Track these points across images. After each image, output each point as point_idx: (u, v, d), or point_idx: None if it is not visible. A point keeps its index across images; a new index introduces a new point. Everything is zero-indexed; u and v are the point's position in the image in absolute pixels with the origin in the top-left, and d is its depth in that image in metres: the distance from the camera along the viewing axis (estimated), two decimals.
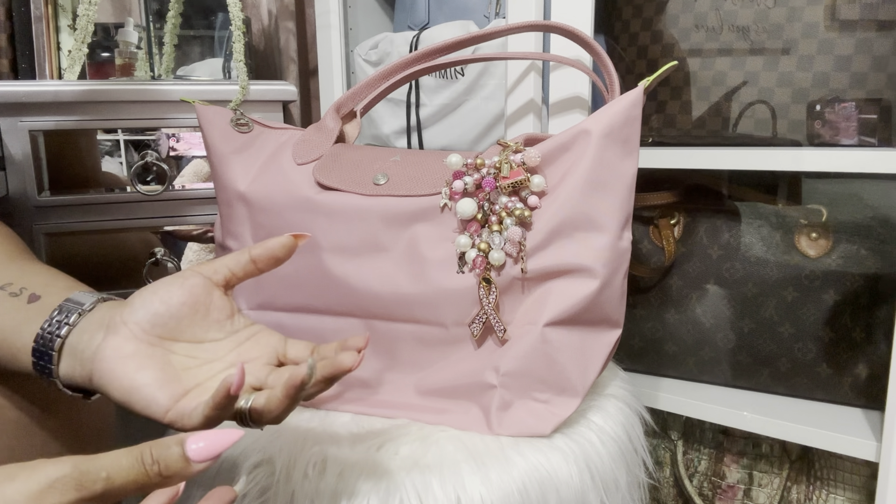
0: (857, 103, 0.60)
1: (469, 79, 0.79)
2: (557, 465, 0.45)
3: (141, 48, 0.95)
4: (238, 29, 0.74)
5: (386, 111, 0.87)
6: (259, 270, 0.40)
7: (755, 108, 0.65)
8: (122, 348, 0.36)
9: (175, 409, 0.34)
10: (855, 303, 0.63)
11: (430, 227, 0.52)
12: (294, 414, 0.54)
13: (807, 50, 0.62)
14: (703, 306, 0.70)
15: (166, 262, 0.85)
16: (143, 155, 0.82)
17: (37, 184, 0.78)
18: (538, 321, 0.48)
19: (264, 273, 0.41)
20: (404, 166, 0.55)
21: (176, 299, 0.38)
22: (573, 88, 0.67)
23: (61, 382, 0.38)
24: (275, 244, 0.40)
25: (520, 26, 0.63)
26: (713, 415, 0.67)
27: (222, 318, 0.39)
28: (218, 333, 0.39)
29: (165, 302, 0.38)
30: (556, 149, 0.50)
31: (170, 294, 0.38)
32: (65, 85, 0.77)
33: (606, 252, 0.49)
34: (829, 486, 0.67)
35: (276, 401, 0.33)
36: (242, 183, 0.58)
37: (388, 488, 0.43)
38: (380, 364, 0.54)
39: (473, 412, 0.50)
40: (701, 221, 0.70)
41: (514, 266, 0.49)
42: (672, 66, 0.53)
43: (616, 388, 0.56)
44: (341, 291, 0.53)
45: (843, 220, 0.65)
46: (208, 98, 0.67)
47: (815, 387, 0.66)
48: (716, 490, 0.74)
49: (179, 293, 0.38)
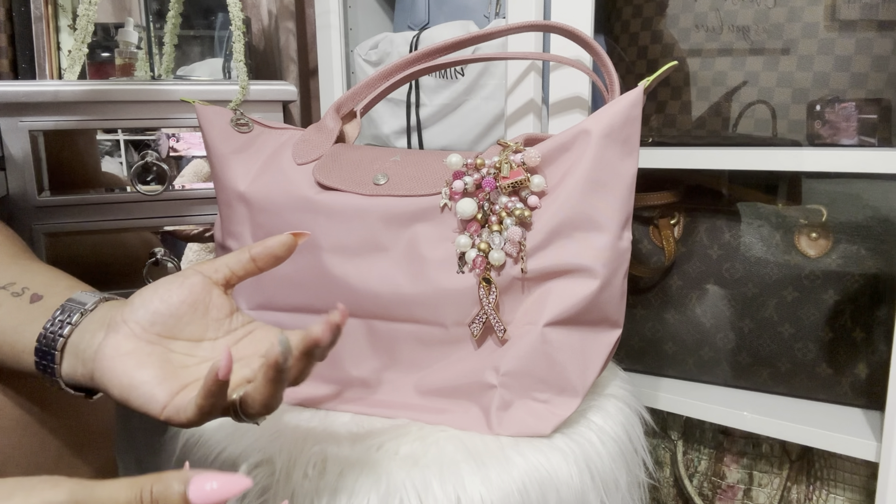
0: (857, 103, 0.60)
1: (469, 79, 0.79)
2: (557, 465, 0.45)
3: (141, 48, 0.95)
4: (238, 29, 0.74)
5: (386, 111, 0.87)
6: (259, 269, 0.41)
7: (755, 108, 0.65)
8: (121, 346, 0.36)
9: (171, 404, 0.34)
10: (855, 303, 0.63)
11: (430, 227, 0.52)
12: (294, 414, 0.54)
13: (807, 50, 0.62)
14: (703, 306, 0.70)
15: (166, 262, 0.85)
16: (143, 155, 0.82)
17: (37, 184, 0.78)
18: (538, 321, 0.48)
19: (264, 272, 0.41)
20: (404, 166, 0.55)
21: (175, 298, 0.38)
22: (573, 88, 0.67)
23: (63, 382, 0.38)
24: (275, 243, 0.40)
25: (520, 26, 0.63)
26: (713, 415, 0.67)
27: (221, 316, 0.39)
28: (217, 332, 0.39)
29: (165, 300, 0.38)
30: (556, 149, 0.50)
31: (169, 293, 0.38)
32: (65, 85, 0.77)
33: (606, 252, 0.49)
34: (829, 486, 0.67)
35: (259, 387, 0.33)
36: (242, 183, 0.58)
37: (388, 488, 0.43)
38: (380, 364, 0.54)
39: (473, 412, 0.50)
40: (701, 221, 0.70)
41: (514, 266, 0.49)
42: (672, 66, 0.53)
43: (616, 388, 0.56)
44: (341, 291, 0.53)
45: (843, 220, 0.65)
46: (208, 98, 0.67)
47: (815, 387, 0.66)
48: (716, 490, 0.74)
49: (179, 292, 0.38)
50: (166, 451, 0.54)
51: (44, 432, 0.44)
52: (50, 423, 0.44)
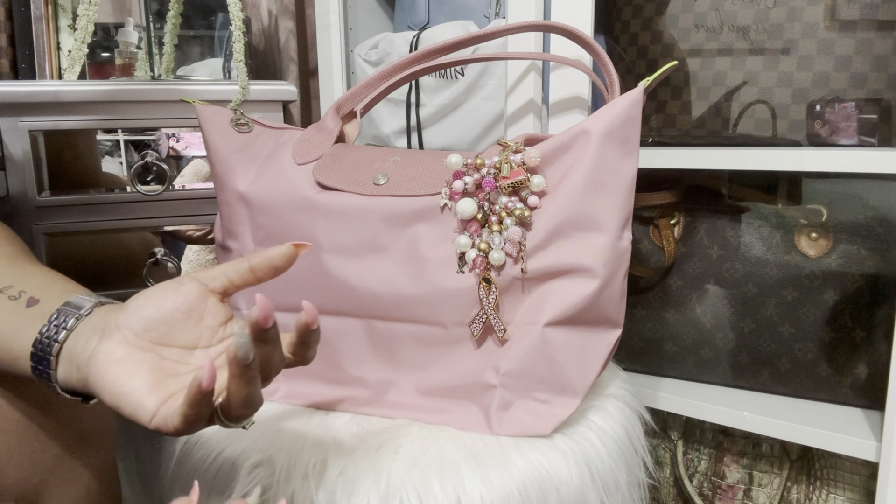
0: (857, 103, 0.60)
1: (469, 79, 0.79)
2: (557, 465, 0.45)
3: (141, 48, 0.95)
4: (238, 29, 0.74)
5: (386, 111, 0.87)
6: (258, 280, 0.40)
7: (755, 108, 0.65)
8: (114, 353, 0.36)
9: (159, 413, 0.34)
10: (855, 303, 0.63)
11: (430, 227, 0.52)
12: (294, 414, 0.54)
13: (807, 50, 0.62)
14: (703, 306, 0.70)
15: (166, 262, 0.85)
16: (143, 155, 0.82)
17: (37, 184, 0.78)
18: (538, 321, 0.48)
19: (263, 282, 0.40)
20: (404, 166, 0.55)
21: (170, 305, 0.38)
22: (573, 88, 0.67)
23: (60, 387, 0.38)
24: (274, 254, 0.39)
25: (520, 26, 0.63)
26: (713, 415, 0.67)
27: (216, 324, 0.39)
28: (210, 339, 0.39)
29: (159, 307, 0.38)
30: (556, 149, 0.50)
31: (164, 300, 0.38)
32: (65, 85, 0.77)
33: (606, 252, 0.49)
34: (829, 486, 0.67)
35: (230, 386, 0.32)
36: (242, 183, 0.58)
37: (388, 488, 0.43)
38: (380, 364, 0.54)
39: (473, 412, 0.50)
40: (701, 221, 0.70)
41: (514, 266, 0.49)
42: (672, 66, 0.53)
43: (616, 388, 0.56)
44: (341, 291, 0.53)
45: (843, 220, 0.65)
46: (208, 98, 0.67)
47: (815, 387, 0.66)
48: (716, 490, 0.74)
49: (174, 299, 0.38)
50: (166, 452, 0.54)
51: (44, 433, 0.44)
52: (50, 425, 0.44)
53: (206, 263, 0.96)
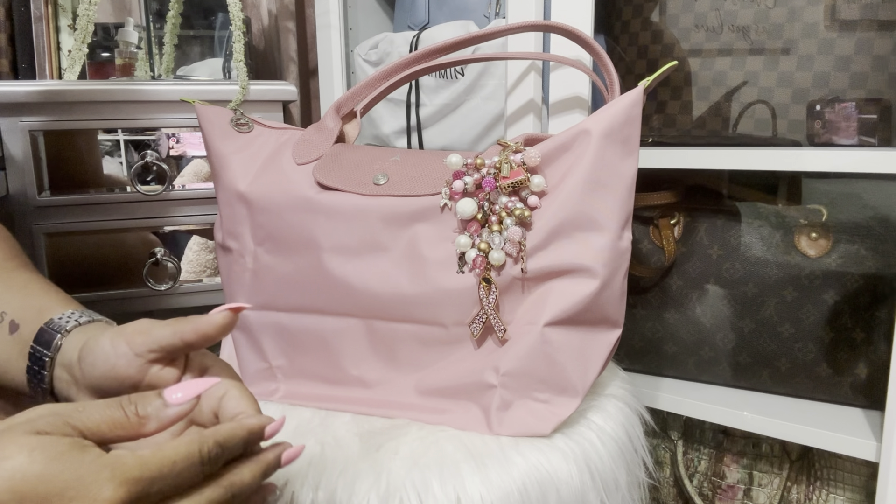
0: (857, 103, 0.60)
1: (469, 79, 0.79)
2: (557, 465, 0.45)
3: (141, 48, 0.95)
4: (238, 29, 0.74)
5: (386, 111, 0.87)
6: (189, 348, 0.38)
7: (755, 108, 0.65)
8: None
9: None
10: (855, 303, 0.63)
11: (430, 227, 0.52)
12: (294, 414, 0.54)
13: (807, 50, 0.62)
14: (703, 306, 0.70)
15: (166, 262, 0.85)
16: (143, 155, 0.82)
17: (37, 184, 0.78)
18: (538, 321, 0.48)
19: (197, 349, 0.38)
20: (404, 166, 0.55)
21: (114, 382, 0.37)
22: (573, 88, 0.67)
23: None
24: (206, 324, 0.36)
25: (520, 26, 0.63)
26: (713, 415, 0.67)
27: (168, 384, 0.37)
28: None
29: (107, 377, 0.37)
30: (556, 149, 0.50)
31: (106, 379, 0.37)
32: (65, 85, 0.77)
33: (606, 252, 0.49)
34: (829, 486, 0.67)
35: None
36: (242, 183, 0.58)
37: (388, 488, 0.43)
38: (380, 364, 0.54)
39: (473, 412, 0.50)
40: (701, 221, 0.70)
41: (514, 266, 0.49)
42: (672, 66, 0.53)
43: (616, 388, 0.56)
44: (341, 291, 0.53)
45: (843, 220, 0.65)
46: (208, 98, 0.67)
47: (815, 387, 0.66)
48: (716, 490, 0.74)
49: (114, 376, 0.37)
50: None
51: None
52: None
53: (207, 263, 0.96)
